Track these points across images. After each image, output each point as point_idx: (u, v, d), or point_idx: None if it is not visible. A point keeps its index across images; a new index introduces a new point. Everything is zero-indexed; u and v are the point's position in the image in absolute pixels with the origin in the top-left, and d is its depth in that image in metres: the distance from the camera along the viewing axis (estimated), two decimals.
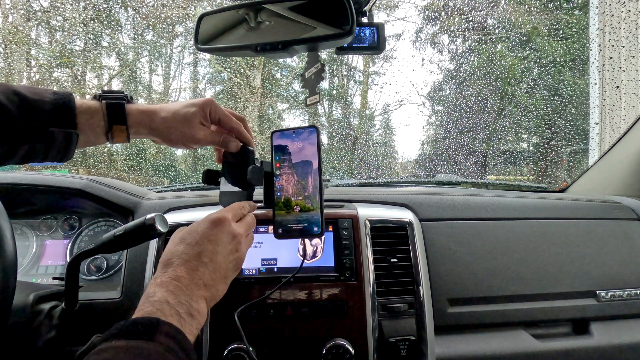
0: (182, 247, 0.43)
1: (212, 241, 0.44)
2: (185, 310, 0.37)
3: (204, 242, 0.44)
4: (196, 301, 0.39)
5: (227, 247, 0.45)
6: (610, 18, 1.81)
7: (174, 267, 0.41)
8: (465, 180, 4.07)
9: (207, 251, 0.43)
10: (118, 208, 0.88)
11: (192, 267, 0.41)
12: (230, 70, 6.82)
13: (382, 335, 0.68)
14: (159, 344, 0.31)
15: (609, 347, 0.78)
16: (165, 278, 0.40)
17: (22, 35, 5.40)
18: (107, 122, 0.49)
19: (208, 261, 0.43)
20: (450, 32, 6.68)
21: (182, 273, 0.40)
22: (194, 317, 0.38)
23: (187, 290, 0.39)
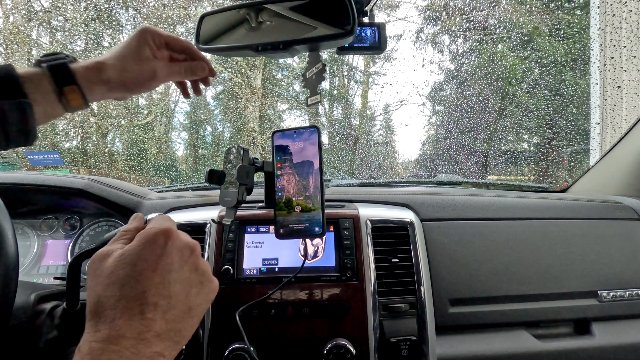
0: (114, 286, 0.30)
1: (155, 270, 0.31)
2: None
3: (144, 272, 0.31)
4: None
5: (182, 268, 0.34)
6: (611, 18, 1.80)
7: (109, 320, 0.29)
8: (466, 180, 4.06)
9: (154, 284, 0.31)
10: (119, 208, 0.88)
11: (132, 315, 0.29)
12: (231, 70, 6.82)
13: (383, 335, 0.68)
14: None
15: (610, 347, 0.78)
16: (98, 343, 0.28)
17: (23, 35, 5.42)
18: (56, 85, 0.44)
19: (158, 299, 0.31)
20: (451, 32, 6.68)
21: (122, 329, 0.28)
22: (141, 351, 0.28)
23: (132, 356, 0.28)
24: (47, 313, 0.61)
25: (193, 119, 7.11)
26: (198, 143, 7.17)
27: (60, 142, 5.89)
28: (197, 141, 7.16)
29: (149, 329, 0.29)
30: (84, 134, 6.12)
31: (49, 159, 3.49)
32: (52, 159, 3.48)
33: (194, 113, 7.14)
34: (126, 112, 6.36)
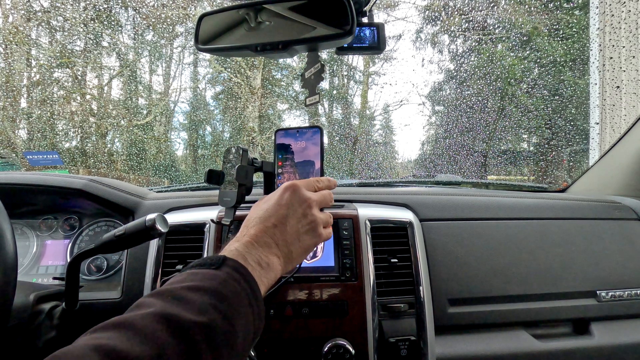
0: (257, 212, 0.48)
1: (282, 205, 0.48)
2: (254, 260, 0.41)
3: (275, 207, 0.48)
4: (266, 255, 0.43)
5: (297, 210, 0.49)
6: (610, 18, 1.81)
7: (249, 228, 0.46)
8: (466, 180, 4.07)
9: (278, 214, 0.47)
10: (118, 208, 0.88)
11: (264, 228, 0.46)
12: (230, 71, 6.82)
13: (382, 335, 0.68)
14: (224, 272, 0.37)
15: (609, 347, 0.78)
16: (241, 237, 0.45)
17: (22, 35, 5.41)
18: None
19: (278, 223, 0.47)
20: (451, 32, 6.68)
21: (256, 232, 0.45)
22: (263, 267, 0.42)
23: (258, 246, 0.43)
24: (46, 313, 0.61)
25: (192, 119, 7.10)
26: (197, 143, 7.17)
27: (60, 142, 5.88)
28: (197, 141, 7.16)
29: (273, 240, 0.45)
30: (83, 134, 6.11)
31: (48, 159, 3.49)
32: (52, 159, 3.47)
33: (193, 113, 7.14)
34: (126, 112, 6.36)
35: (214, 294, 0.34)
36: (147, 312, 0.30)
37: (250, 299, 0.37)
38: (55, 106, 5.77)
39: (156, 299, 0.32)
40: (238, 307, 0.35)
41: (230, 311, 0.34)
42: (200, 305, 0.32)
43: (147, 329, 0.28)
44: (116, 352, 0.25)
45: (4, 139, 5.24)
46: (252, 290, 0.38)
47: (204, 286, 0.34)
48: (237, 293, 0.36)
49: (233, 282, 0.36)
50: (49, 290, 0.64)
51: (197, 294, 0.33)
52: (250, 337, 0.37)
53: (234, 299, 0.35)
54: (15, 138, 5.43)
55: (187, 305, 0.32)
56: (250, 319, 0.37)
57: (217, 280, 0.36)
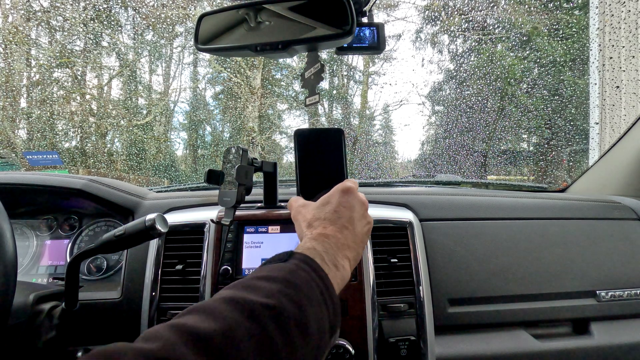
0: (322, 212, 0.48)
1: (347, 207, 0.49)
2: (329, 260, 0.41)
3: (340, 209, 0.48)
4: (341, 258, 0.43)
5: (359, 212, 0.50)
6: (610, 18, 1.81)
7: (320, 227, 0.46)
8: (466, 180, 4.07)
9: (346, 216, 0.48)
10: (118, 208, 0.88)
11: (336, 228, 0.46)
12: (230, 70, 6.82)
13: (382, 335, 0.68)
14: (292, 263, 0.38)
15: (609, 347, 0.78)
16: (314, 234, 0.45)
17: (22, 35, 5.41)
18: None
19: (348, 225, 0.47)
20: (450, 32, 6.68)
21: (329, 232, 0.45)
22: (338, 269, 0.42)
23: (334, 246, 0.43)
24: (46, 313, 0.61)
25: (192, 119, 7.10)
26: (197, 143, 7.17)
27: (60, 142, 5.88)
28: (197, 141, 7.16)
29: (344, 239, 0.45)
30: (83, 134, 6.11)
31: (48, 159, 3.49)
32: (51, 159, 3.47)
33: (193, 113, 7.14)
34: (125, 112, 6.36)
35: (282, 281, 0.35)
36: (217, 297, 0.32)
37: (321, 290, 0.37)
38: (55, 106, 5.77)
39: (226, 289, 0.34)
40: (308, 295, 0.35)
41: (299, 298, 0.34)
42: (268, 291, 0.33)
43: (216, 309, 0.30)
44: (187, 327, 0.27)
45: (4, 139, 5.24)
46: (323, 282, 0.38)
47: (272, 275, 0.35)
48: (306, 282, 0.36)
49: (302, 272, 0.37)
50: (49, 290, 0.64)
51: (264, 282, 0.34)
52: (325, 330, 0.36)
53: (303, 287, 0.35)
54: (15, 138, 5.43)
55: (255, 291, 0.33)
56: (323, 310, 0.36)
57: (285, 271, 0.36)
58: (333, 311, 0.38)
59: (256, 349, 0.28)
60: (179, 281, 0.72)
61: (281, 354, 0.29)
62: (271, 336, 0.29)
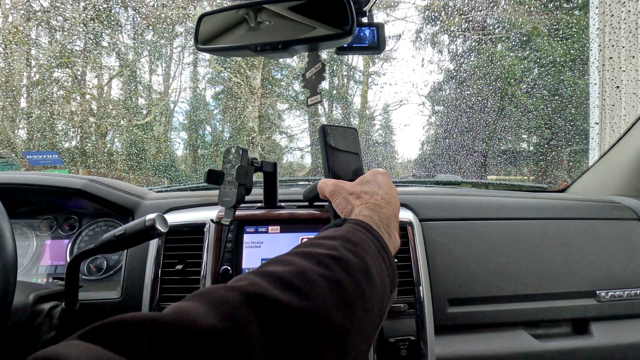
0: (368, 186, 0.51)
1: (388, 186, 0.53)
2: (384, 228, 0.44)
3: (384, 186, 0.52)
4: (393, 228, 0.46)
5: (394, 194, 0.53)
6: (610, 18, 1.81)
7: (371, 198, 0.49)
8: (465, 180, 4.07)
9: (391, 193, 0.51)
10: (118, 208, 0.88)
11: (386, 201, 0.49)
12: (230, 70, 6.82)
13: (382, 335, 0.68)
14: (347, 226, 0.41)
15: (609, 347, 0.78)
16: (369, 203, 0.47)
17: (22, 35, 5.41)
18: None
19: (392, 200, 0.50)
20: (450, 32, 6.69)
21: (381, 202, 0.48)
22: (391, 237, 0.44)
23: (387, 216, 0.46)
24: (46, 313, 0.61)
25: (192, 118, 7.11)
26: (197, 143, 7.17)
27: (60, 142, 5.88)
28: (196, 141, 7.16)
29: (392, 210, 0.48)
30: (83, 134, 6.11)
31: (47, 159, 3.49)
32: (51, 158, 3.47)
33: (193, 113, 7.14)
34: (125, 112, 6.36)
35: (341, 238, 0.37)
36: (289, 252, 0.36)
37: (378, 248, 0.39)
38: (55, 106, 5.77)
39: (296, 248, 0.37)
40: (367, 250, 0.37)
41: (359, 251, 0.36)
42: (330, 246, 0.36)
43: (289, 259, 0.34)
44: (268, 271, 0.31)
45: (4, 139, 5.24)
46: (379, 242, 0.40)
47: (330, 235, 0.38)
48: (364, 240, 0.38)
49: (358, 232, 0.39)
50: (49, 290, 0.64)
51: (325, 241, 0.37)
52: (387, 284, 0.38)
53: (361, 244, 0.38)
54: (15, 138, 5.43)
55: (319, 247, 0.36)
56: (382, 265, 0.38)
57: (341, 231, 0.39)
58: (391, 269, 0.40)
59: (328, 287, 0.31)
60: (179, 281, 0.72)
61: (351, 293, 0.32)
62: (339, 279, 0.32)
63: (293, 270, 0.31)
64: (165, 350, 0.22)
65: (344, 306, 0.31)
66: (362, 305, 0.33)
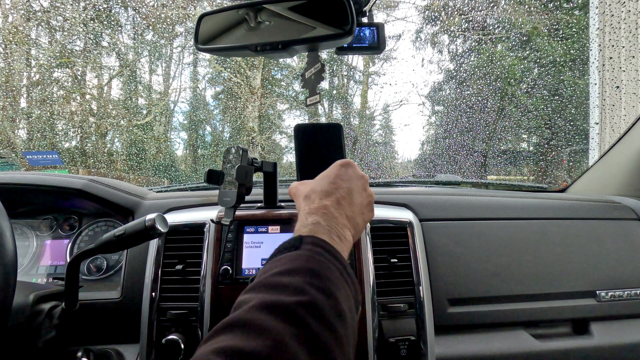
0: (319, 185, 0.48)
1: (344, 180, 0.49)
2: (335, 233, 0.42)
3: (338, 181, 0.48)
4: (342, 229, 0.43)
5: (357, 184, 0.50)
6: (610, 18, 1.81)
7: (317, 200, 0.46)
8: (465, 180, 4.07)
9: (343, 188, 0.48)
10: (118, 208, 0.88)
11: (334, 200, 0.46)
12: (230, 70, 6.82)
13: (382, 335, 0.68)
14: (306, 250, 0.37)
15: (608, 347, 0.78)
16: (313, 207, 0.45)
17: (22, 35, 5.41)
18: None
19: (346, 195, 0.47)
20: (450, 32, 6.69)
21: (328, 204, 0.45)
22: (342, 241, 0.42)
23: (334, 219, 0.44)
24: (46, 313, 0.61)
25: (192, 119, 7.11)
26: (197, 143, 7.17)
27: (60, 142, 5.88)
28: (196, 141, 7.16)
29: (342, 209, 0.45)
30: (83, 134, 6.11)
31: (48, 159, 3.49)
32: (51, 159, 3.48)
33: (193, 113, 7.14)
34: (125, 112, 6.36)
35: (304, 272, 0.34)
36: (249, 307, 0.31)
37: (340, 270, 0.37)
38: (55, 106, 5.77)
39: (251, 294, 0.33)
40: (332, 279, 0.35)
41: (327, 285, 0.34)
42: (296, 286, 0.32)
43: (256, 321, 0.29)
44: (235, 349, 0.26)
45: (4, 139, 5.24)
46: (339, 262, 0.38)
47: (292, 268, 0.35)
48: (326, 267, 0.36)
49: (318, 257, 0.37)
50: (49, 290, 0.64)
51: (288, 277, 0.33)
52: (353, 308, 0.37)
53: (325, 273, 0.35)
54: (15, 138, 5.43)
55: (283, 290, 0.32)
56: (347, 290, 0.37)
57: (302, 259, 0.36)
58: (354, 287, 0.38)
59: (308, 350, 0.28)
60: (179, 281, 0.72)
61: (330, 345, 0.29)
62: (317, 333, 0.29)
63: (269, 344, 0.26)
64: None
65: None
66: (340, 351, 0.30)
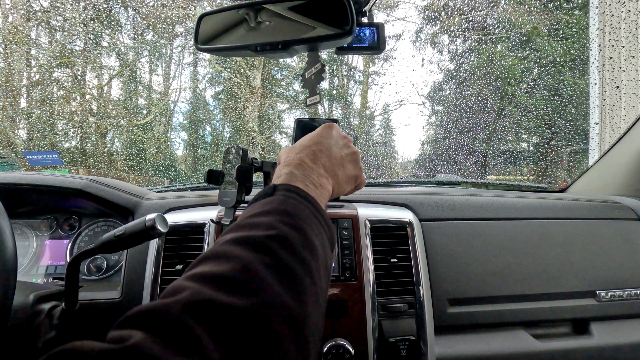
0: (299, 143, 0.50)
1: (324, 137, 0.50)
2: (310, 181, 0.43)
3: (318, 139, 0.50)
4: (318, 177, 0.45)
5: (338, 142, 0.51)
6: (610, 18, 1.81)
7: (294, 154, 0.47)
8: (465, 180, 4.07)
9: (322, 144, 0.49)
10: (118, 208, 0.88)
11: (311, 153, 0.47)
12: (230, 70, 6.82)
13: (382, 335, 0.68)
14: (279, 195, 0.39)
15: (608, 347, 0.78)
16: (289, 160, 0.46)
17: (22, 35, 5.41)
18: None
19: (324, 149, 0.48)
20: (450, 32, 6.68)
21: (304, 157, 0.46)
22: (318, 188, 0.44)
23: (309, 168, 0.45)
24: (46, 313, 0.61)
25: (192, 119, 7.10)
26: (197, 143, 7.17)
27: (60, 142, 5.88)
28: (196, 141, 7.16)
29: (319, 160, 0.47)
30: (83, 134, 6.11)
31: (47, 159, 3.49)
32: (51, 158, 3.47)
33: (193, 113, 7.14)
34: (125, 112, 6.36)
35: (276, 212, 0.35)
36: (222, 242, 0.33)
37: (313, 211, 0.39)
38: (55, 106, 5.77)
39: (227, 234, 0.35)
40: (303, 217, 0.37)
41: (297, 222, 0.35)
42: (267, 224, 0.34)
43: (226, 252, 0.31)
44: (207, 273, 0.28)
45: (4, 139, 5.24)
46: (312, 205, 0.39)
47: (264, 210, 0.36)
48: (298, 208, 0.37)
49: (291, 200, 0.38)
50: (49, 290, 0.64)
51: (260, 218, 0.35)
52: (327, 245, 0.38)
53: (296, 212, 0.37)
54: (15, 138, 5.42)
55: (255, 228, 0.33)
56: (320, 229, 0.38)
57: (274, 203, 0.37)
58: (328, 228, 0.40)
59: (276, 276, 0.30)
60: None
61: (299, 274, 0.31)
62: (285, 262, 0.31)
63: (237, 267, 0.29)
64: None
65: (295, 291, 0.30)
66: (310, 276, 0.33)
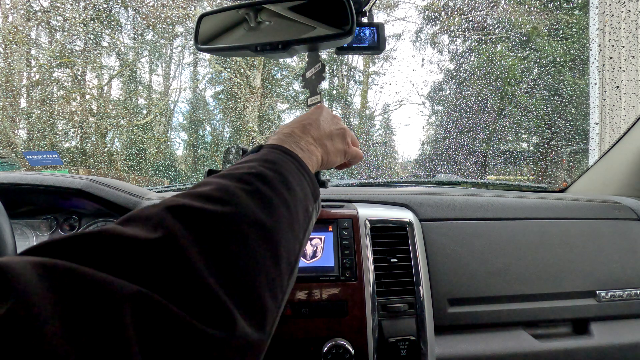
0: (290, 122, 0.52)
1: (314, 114, 0.53)
2: (298, 146, 0.45)
3: (307, 115, 0.53)
4: (306, 144, 0.47)
5: (327, 117, 0.54)
6: (610, 18, 1.81)
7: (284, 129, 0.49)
8: (465, 180, 4.07)
9: (311, 119, 0.51)
10: (118, 208, 0.88)
11: (299, 125, 0.49)
12: (230, 70, 6.82)
13: (382, 335, 0.68)
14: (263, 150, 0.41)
15: (609, 347, 0.78)
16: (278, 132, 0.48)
17: (22, 35, 5.41)
18: None
19: (312, 122, 0.51)
20: (450, 32, 6.69)
21: (294, 128, 0.48)
22: (305, 152, 0.45)
23: (299, 137, 0.47)
24: None
25: (192, 119, 7.11)
26: (197, 143, 7.17)
27: (60, 142, 5.88)
28: (196, 141, 7.16)
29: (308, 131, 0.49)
30: (83, 134, 6.11)
31: (47, 159, 3.49)
32: (51, 158, 3.48)
33: (193, 113, 7.14)
34: (125, 112, 6.36)
35: (259, 160, 0.38)
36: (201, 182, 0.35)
37: (296, 165, 0.40)
38: (55, 106, 5.77)
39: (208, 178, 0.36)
40: (285, 167, 0.38)
41: (277, 167, 0.37)
42: (249, 166, 0.36)
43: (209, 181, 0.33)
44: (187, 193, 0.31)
45: (3, 139, 5.24)
46: (295, 160, 0.41)
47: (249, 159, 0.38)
48: (282, 159, 0.39)
49: (275, 154, 0.40)
50: None
51: (244, 163, 0.37)
52: (308, 193, 0.40)
53: (280, 163, 0.38)
54: (15, 138, 5.43)
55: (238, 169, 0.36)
56: (301, 178, 0.40)
57: (259, 155, 0.40)
58: (311, 181, 0.42)
59: (252, 199, 0.32)
60: None
61: (274, 201, 0.33)
62: (261, 190, 0.33)
63: (213, 187, 0.31)
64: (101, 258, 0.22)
65: (267, 208, 0.32)
66: (285, 206, 0.34)
